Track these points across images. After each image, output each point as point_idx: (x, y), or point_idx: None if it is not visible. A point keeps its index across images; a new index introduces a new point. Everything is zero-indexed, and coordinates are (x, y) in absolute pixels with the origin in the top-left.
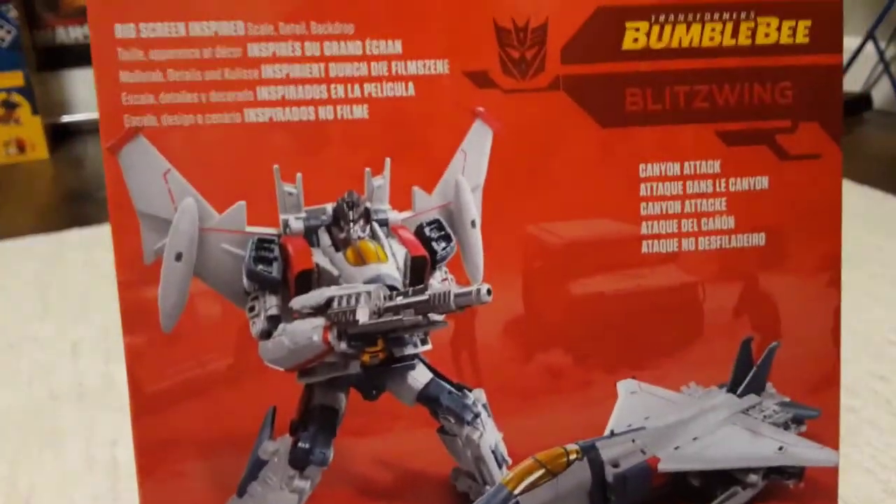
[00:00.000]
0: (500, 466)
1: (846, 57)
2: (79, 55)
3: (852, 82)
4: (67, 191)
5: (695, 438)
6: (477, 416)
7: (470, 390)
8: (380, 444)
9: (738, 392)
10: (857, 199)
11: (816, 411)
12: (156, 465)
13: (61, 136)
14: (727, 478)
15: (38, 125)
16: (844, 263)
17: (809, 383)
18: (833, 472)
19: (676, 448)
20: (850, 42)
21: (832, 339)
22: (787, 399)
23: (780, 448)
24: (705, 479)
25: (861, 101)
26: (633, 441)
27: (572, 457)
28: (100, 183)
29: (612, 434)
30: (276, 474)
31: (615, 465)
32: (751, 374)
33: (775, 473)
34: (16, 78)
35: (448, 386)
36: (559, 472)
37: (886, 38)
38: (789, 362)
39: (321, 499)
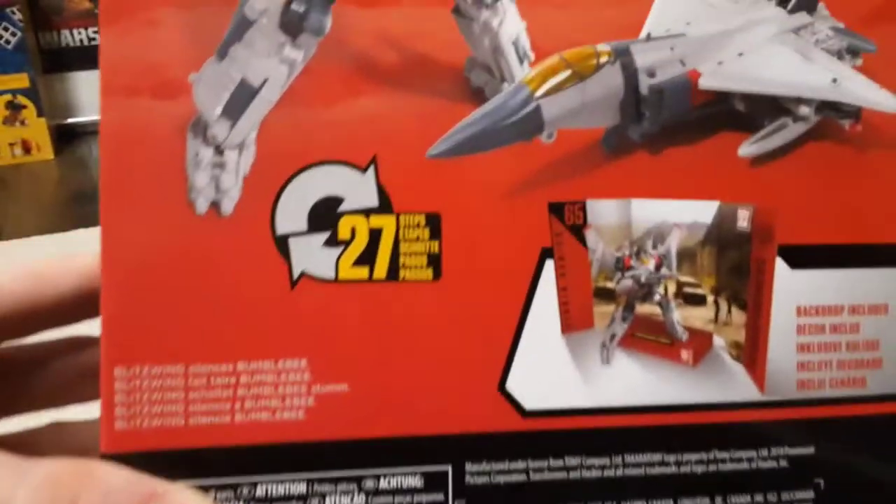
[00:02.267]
0: (521, 62)
1: None
2: (84, 57)
3: None
4: (73, 192)
5: (740, 54)
6: None
7: None
8: (386, 18)
9: (789, 7)
10: None
11: (872, 45)
12: (123, 7)
13: (67, 137)
14: (776, 107)
15: (43, 127)
16: None
17: (865, 12)
18: (893, 119)
19: (720, 63)
20: None
21: None
22: (842, 25)
23: (835, 80)
24: (751, 105)
25: None
26: (672, 49)
27: (603, 59)
28: None
29: (649, 38)
30: (265, 38)
31: (651, 75)
32: None
33: (829, 109)
34: (21, 80)
35: None
36: (587, 74)
37: None
38: None
39: (315, 74)
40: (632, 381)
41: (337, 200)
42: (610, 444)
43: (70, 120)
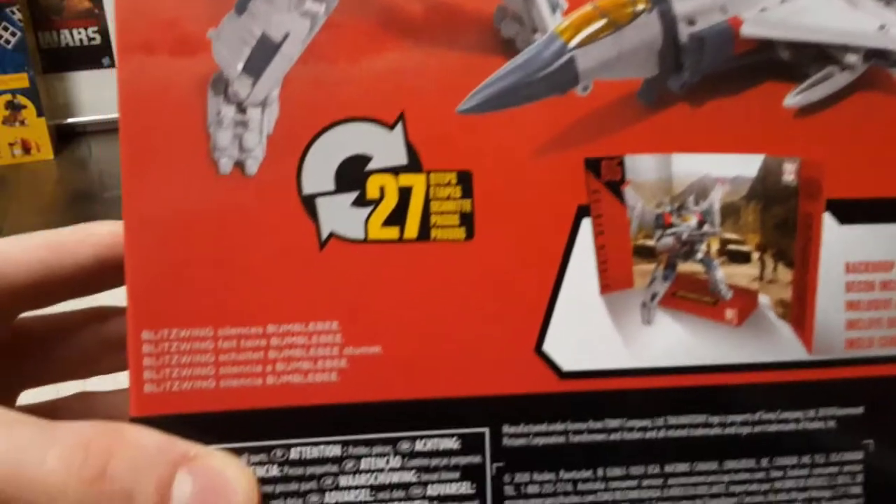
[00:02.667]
0: (553, 11)
1: None
2: (84, 57)
3: None
4: (72, 191)
5: (783, 1)
6: None
7: None
8: None
9: None
10: None
11: None
12: None
13: (66, 137)
14: (821, 55)
15: (43, 127)
16: None
17: None
18: None
19: (763, 10)
20: None
21: None
22: None
23: (882, 27)
24: (796, 53)
25: None
26: None
27: (640, 6)
28: (104, 183)
29: None
30: None
31: (691, 23)
32: None
33: (878, 57)
34: (21, 80)
35: None
36: (623, 23)
37: None
38: None
39: (338, 27)
40: (674, 342)
41: (365, 159)
42: (652, 406)
43: (70, 120)
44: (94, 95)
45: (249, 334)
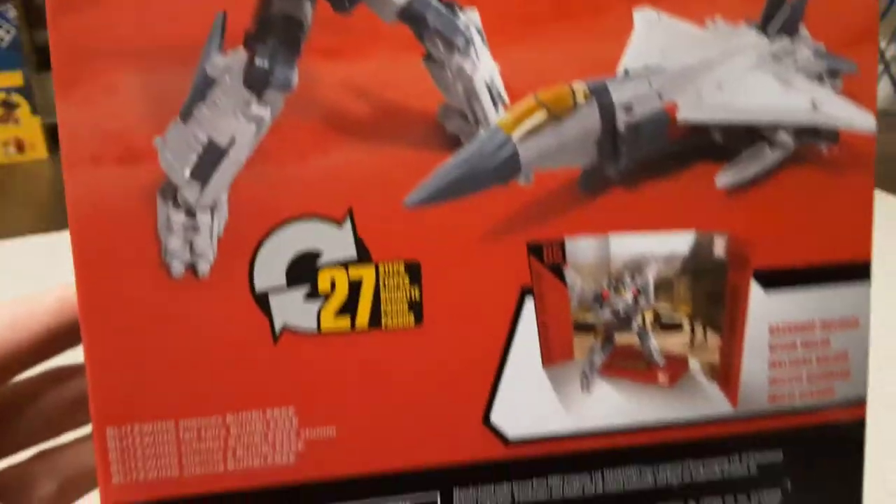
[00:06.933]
0: (495, 105)
1: None
2: None
3: None
4: None
5: (719, 85)
6: (469, 42)
7: (462, 10)
8: (354, 69)
9: (769, 33)
10: None
11: (853, 65)
12: (79, 74)
13: None
14: (754, 134)
15: (37, 125)
16: None
17: (846, 33)
18: (870, 140)
19: (698, 95)
20: None
21: None
22: (823, 47)
23: (813, 104)
24: (729, 134)
25: None
26: (650, 83)
27: (580, 98)
28: None
29: (627, 74)
30: (229, 97)
31: (628, 110)
32: (784, 13)
33: (808, 134)
34: (15, 78)
35: (436, 3)
36: (564, 116)
37: (886, 38)
38: (825, 6)
39: (284, 130)
40: (611, 405)
41: (315, 254)
42: (590, 464)
43: None
44: None
45: (209, 424)
